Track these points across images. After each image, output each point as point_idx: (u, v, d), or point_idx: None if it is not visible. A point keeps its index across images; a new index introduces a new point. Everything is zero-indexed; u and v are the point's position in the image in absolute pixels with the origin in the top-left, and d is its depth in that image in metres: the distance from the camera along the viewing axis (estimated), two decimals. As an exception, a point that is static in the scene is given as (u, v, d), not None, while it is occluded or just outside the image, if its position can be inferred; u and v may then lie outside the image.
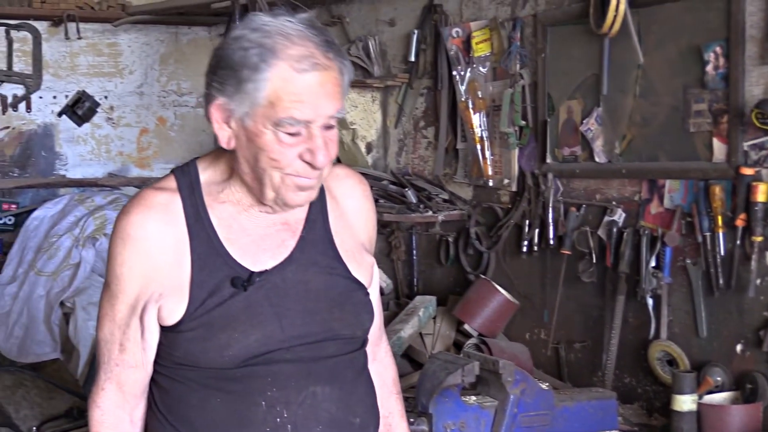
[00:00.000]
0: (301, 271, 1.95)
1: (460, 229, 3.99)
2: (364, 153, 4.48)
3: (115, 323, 1.94)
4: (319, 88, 1.80)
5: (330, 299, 1.97)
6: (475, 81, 3.83)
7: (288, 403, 1.92)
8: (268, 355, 1.90)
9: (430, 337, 3.71)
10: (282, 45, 1.79)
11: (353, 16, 4.67)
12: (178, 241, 1.91)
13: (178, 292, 1.90)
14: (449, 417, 2.81)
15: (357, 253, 2.04)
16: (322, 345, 1.95)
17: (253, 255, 1.93)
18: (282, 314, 1.92)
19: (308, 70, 1.79)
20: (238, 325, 1.88)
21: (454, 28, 3.91)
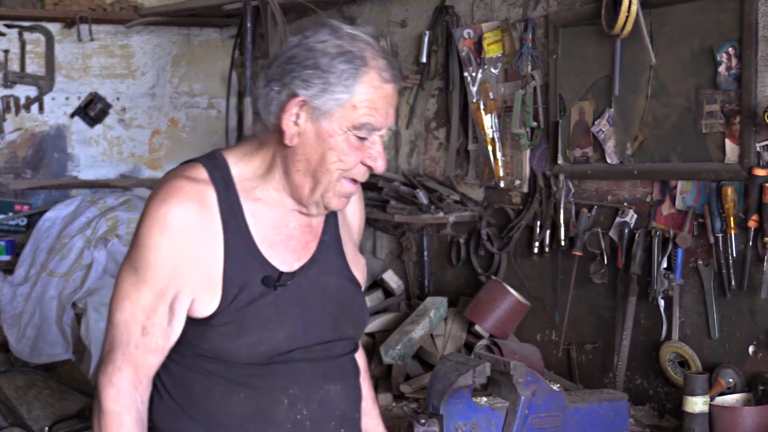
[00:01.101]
0: (322, 273, 2.05)
1: (472, 230, 3.99)
2: (375, 154, 4.47)
3: (138, 307, 1.96)
4: (392, 99, 1.95)
5: (341, 301, 2.07)
6: (486, 82, 3.83)
7: (308, 400, 2.02)
8: (291, 354, 1.99)
9: (441, 338, 3.70)
10: (370, 54, 1.91)
11: (365, 17, 4.67)
12: (212, 235, 1.95)
13: (211, 285, 1.95)
14: (460, 418, 2.81)
15: (355, 255, 2.16)
16: (332, 345, 2.05)
17: (281, 254, 2.01)
18: (305, 314, 2.01)
19: (389, 81, 1.93)
20: (269, 324, 1.96)
21: (465, 29, 3.91)
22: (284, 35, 4.43)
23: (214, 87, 6.06)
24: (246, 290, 1.95)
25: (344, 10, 4.76)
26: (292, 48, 1.95)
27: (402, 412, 3.35)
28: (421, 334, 3.62)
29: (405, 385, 3.47)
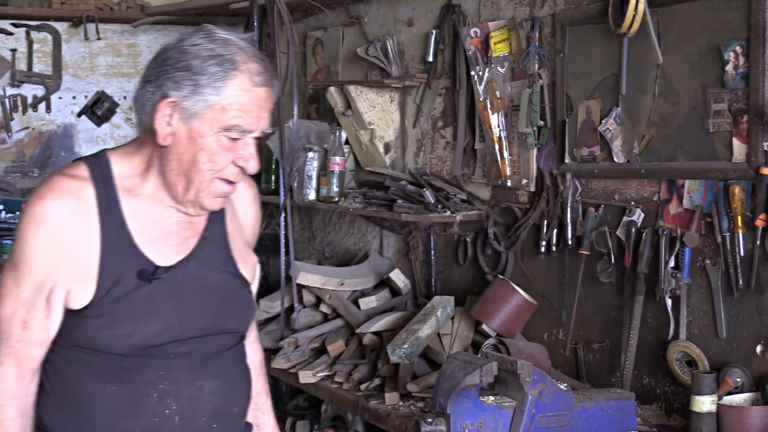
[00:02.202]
0: (200, 268, 2.11)
1: (478, 229, 3.98)
2: (382, 153, 4.48)
3: (19, 302, 2.02)
4: (264, 102, 2.01)
5: (221, 296, 2.13)
6: (493, 81, 3.82)
7: (178, 396, 2.07)
8: (164, 347, 2.04)
9: (448, 337, 3.70)
10: (242, 58, 1.98)
11: (371, 16, 4.67)
12: (88, 229, 2.03)
13: (86, 278, 2.01)
14: (467, 417, 2.81)
15: (245, 252, 2.24)
16: (211, 339, 2.11)
17: (159, 249, 2.07)
18: (180, 308, 2.06)
19: (261, 85, 1.99)
20: (143, 317, 2.02)
21: (472, 28, 3.90)
22: (291, 34, 4.43)
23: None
24: (121, 283, 2.01)
25: (350, 9, 4.76)
26: (167, 51, 2.04)
27: (409, 411, 3.35)
28: (428, 333, 3.62)
29: (412, 384, 3.47)
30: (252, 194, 2.32)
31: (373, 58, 4.53)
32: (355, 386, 3.65)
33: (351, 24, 4.79)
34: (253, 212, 2.33)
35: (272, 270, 5.06)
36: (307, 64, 5.17)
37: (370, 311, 4.05)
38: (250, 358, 2.33)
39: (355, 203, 4.32)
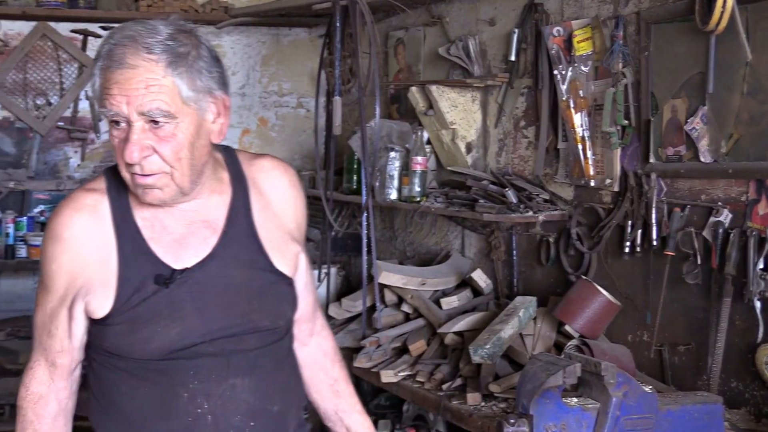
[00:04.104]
0: (223, 267, 2.08)
1: (561, 229, 3.96)
2: (463, 153, 4.47)
3: (45, 312, 2.11)
4: (127, 83, 1.90)
5: (250, 293, 2.10)
6: (576, 80, 3.79)
7: (209, 395, 2.06)
8: (192, 349, 2.03)
9: (530, 338, 3.68)
10: (109, 45, 1.94)
11: (453, 15, 4.66)
12: (104, 241, 2.05)
13: (105, 288, 2.04)
14: (550, 418, 2.79)
15: (283, 244, 2.18)
16: (242, 338, 2.08)
17: (176, 253, 2.07)
18: (203, 309, 2.05)
19: (117, 67, 1.91)
20: (160, 320, 2.02)
21: (555, 26, 3.88)
22: (373, 34, 4.45)
23: (303, 86, 6.11)
24: (140, 290, 2.03)
25: (432, 9, 4.76)
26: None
27: (491, 412, 3.34)
28: (510, 333, 3.61)
29: (494, 385, 3.46)
30: (287, 180, 2.25)
31: (455, 57, 4.53)
32: (437, 386, 3.66)
33: (432, 24, 4.79)
34: (291, 198, 2.26)
35: (354, 269, 5.08)
36: (389, 64, 5.19)
37: (451, 311, 4.05)
38: (321, 346, 2.34)
39: (436, 203, 4.32)
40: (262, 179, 2.20)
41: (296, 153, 6.04)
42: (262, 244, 2.14)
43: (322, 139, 5.20)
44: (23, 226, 5.51)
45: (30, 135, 5.77)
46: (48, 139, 5.79)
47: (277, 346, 2.17)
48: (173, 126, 1.95)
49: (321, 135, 5.11)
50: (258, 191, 2.17)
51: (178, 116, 1.95)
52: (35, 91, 5.73)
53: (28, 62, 5.70)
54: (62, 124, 5.80)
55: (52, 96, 5.76)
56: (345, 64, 4.97)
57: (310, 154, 5.78)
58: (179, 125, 1.95)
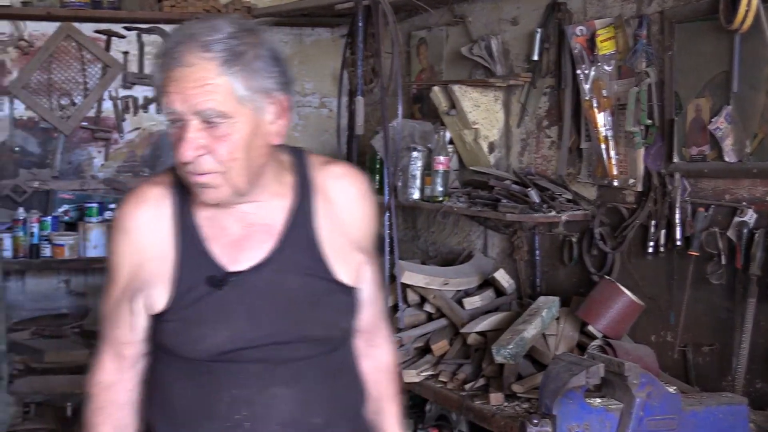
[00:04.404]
0: (278, 272, 2.03)
1: (584, 229, 3.95)
2: (486, 152, 4.47)
3: (110, 304, 2.13)
4: (183, 82, 1.89)
5: (304, 301, 2.04)
6: (599, 79, 3.78)
7: (249, 402, 2.03)
8: (238, 353, 2.01)
9: (553, 338, 3.68)
10: (170, 42, 1.94)
11: (475, 15, 4.66)
12: (165, 236, 2.05)
13: (162, 284, 2.03)
14: (573, 419, 2.79)
15: (346, 252, 2.11)
16: (291, 346, 2.03)
17: (232, 255, 2.04)
18: (253, 314, 2.01)
19: (175, 65, 1.90)
20: (211, 322, 2.00)
21: (578, 26, 3.87)
22: (395, 34, 4.45)
23: (326, 86, 6.12)
24: (193, 290, 2.01)
25: (455, 9, 4.76)
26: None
27: (514, 412, 3.34)
28: (533, 333, 3.60)
29: (517, 385, 3.45)
30: (357, 189, 2.18)
31: (478, 57, 4.52)
32: (460, 386, 3.66)
33: (455, 23, 4.79)
34: (360, 207, 2.18)
35: (376, 269, 5.08)
36: (411, 63, 5.19)
37: (474, 311, 4.05)
38: (377, 358, 2.27)
39: (459, 203, 4.32)
40: (331, 186, 2.14)
41: (319, 153, 6.03)
42: (322, 251, 2.08)
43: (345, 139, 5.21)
44: (48, 226, 5.55)
45: (54, 135, 5.81)
46: (72, 139, 5.83)
47: (329, 357, 2.11)
48: (228, 126, 1.92)
49: (343, 135, 5.12)
50: (325, 197, 2.12)
51: (233, 116, 1.92)
52: (59, 91, 5.77)
53: (53, 63, 5.73)
54: (86, 124, 5.84)
55: (76, 96, 5.80)
56: (367, 64, 4.97)
57: (333, 154, 5.78)
58: (235, 125, 1.92)
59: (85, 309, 5.83)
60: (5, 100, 5.70)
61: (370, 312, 2.22)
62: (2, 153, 5.73)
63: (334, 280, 2.08)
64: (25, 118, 5.75)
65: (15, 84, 5.69)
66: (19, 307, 5.67)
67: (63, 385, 5.04)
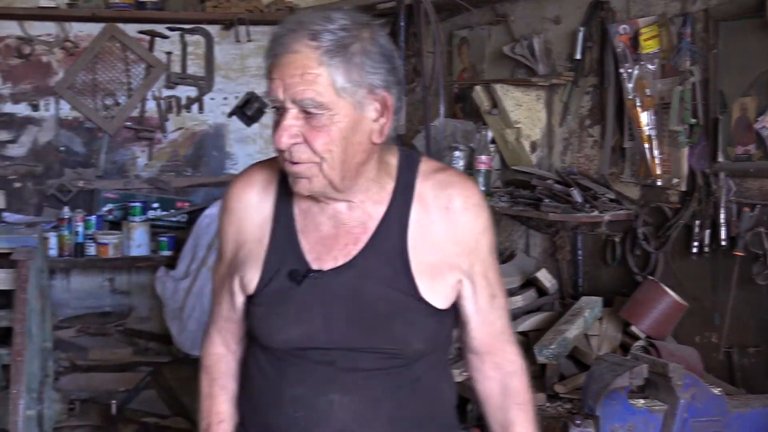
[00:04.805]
0: (358, 279, 1.98)
1: (627, 229, 3.92)
2: (528, 152, 4.46)
3: (217, 280, 2.17)
4: (285, 69, 1.86)
5: (379, 312, 1.98)
6: (643, 78, 3.76)
7: (307, 404, 2.00)
8: (309, 351, 1.99)
9: (595, 338, 3.66)
10: (280, 29, 1.90)
11: (518, 14, 4.65)
12: (264, 220, 2.06)
13: (255, 267, 2.04)
14: (617, 420, 2.78)
15: (438, 270, 2.02)
16: (359, 355, 1.98)
17: (319, 252, 2.02)
18: (328, 316, 1.98)
19: (280, 51, 1.88)
20: (288, 316, 2.00)
21: (621, 24, 3.84)
22: (437, 34, 4.45)
23: (367, 86, 6.13)
24: (278, 279, 2.01)
25: (497, 8, 4.75)
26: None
27: (556, 413, 3.32)
28: (576, 333, 3.59)
29: (559, 385, 3.44)
30: (462, 200, 2.03)
31: (519, 56, 4.51)
32: (501, 386, 3.65)
33: (497, 22, 4.78)
34: (465, 222, 2.04)
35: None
36: (453, 63, 5.19)
37: (516, 311, 4.03)
38: (503, 382, 2.16)
39: (501, 202, 4.31)
40: (434, 196, 2.03)
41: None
42: (409, 264, 1.99)
43: (386, 138, 5.21)
44: (92, 225, 5.61)
45: (99, 135, 5.87)
46: (116, 139, 5.89)
47: (400, 372, 2.02)
48: (327, 117, 1.88)
49: (385, 134, 5.12)
50: (425, 208, 2.02)
51: (331, 107, 1.88)
52: (104, 91, 5.83)
53: (97, 63, 5.80)
54: (130, 124, 5.90)
55: (120, 96, 5.86)
56: (409, 64, 4.98)
57: (374, 154, 5.79)
58: (333, 117, 1.88)
59: (129, 307, 5.89)
60: (51, 101, 5.78)
61: (483, 332, 2.12)
62: (48, 153, 5.80)
63: (417, 296, 2.00)
64: (70, 118, 5.82)
65: (61, 84, 5.76)
66: (65, 305, 5.75)
67: (107, 382, 5.10)
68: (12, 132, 5.77)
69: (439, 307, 2.01)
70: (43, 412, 4.08)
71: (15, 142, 5.78)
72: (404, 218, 2.01)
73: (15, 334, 3.84)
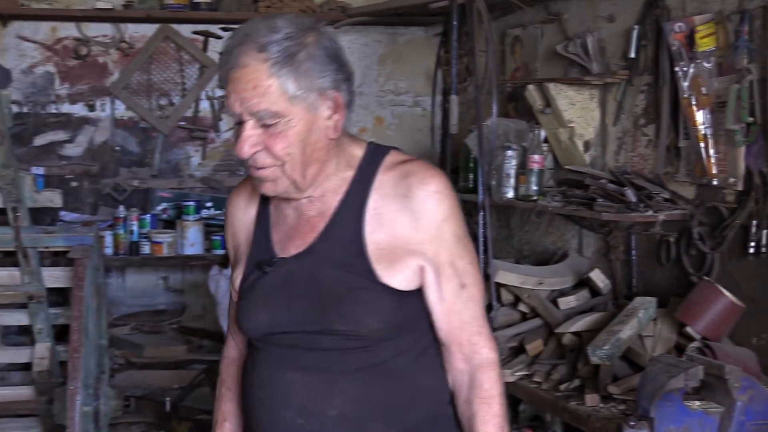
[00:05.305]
0: (315, 264, 2.09)
1: (682, 229, 3.88)
2: (581, 151, 4.43)
3: (230, 284, 2.28)
4: (238, 83, 1.96)
5: (331, 294, 2.06)
6: (698, 77, 3.72)
7: (271, 385, 2.12)
8: (276, 336, 2.12)
9: (650, 339, 3.62)
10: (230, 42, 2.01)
11: (571, 12, 4.62)
12: (250, 222, 2.23)
13: (243, 265, 2.20)
14: (672, 422, 2.75)
15: (398, 255, 2.07)
16: (319, 337, 2.07)
17: (285, 242, 2.15)
18: (289, 301, 2.09)
19: (232, 66, 1.97)
20: (258, 304, 2.13)
21: (676, 22, 3.80)
22: (489, 33, 4.44)
23: (420, 85, 6.13)
24: (254, 272, 2.15)
25: (550, 6, 4.73)
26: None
27: (610, 414, 3.30)
28: (630, 334, 3.56)
29: (613, 386, 3.42)
30: (424, 191, 2.07)
31: (573, 55, 4.48)
32: (554, 386, 3.63)
33: (550, 21, 4.76)
34: (426, 210, 2.07)
35: (470, 268, 5.08)
36: (506, 62, 5.17)
37: (569, 311, 4.01)
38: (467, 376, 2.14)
39: (554, 202, 4.29)
40: (394, 185, 2.08)
41: (412, 152, 6.03)
42: (365, 248, 2.06)
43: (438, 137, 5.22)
44: (147, 224, 5.67)
45: (153, 134, 5.94)
46: (170, 139, 5.95)
47: (359, 353, 2.08)
48: (283, 124, 1.98)
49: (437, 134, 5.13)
50: (384, 197, 2.08)
51: (286, 114, 1.97)
52: (158, 91, 5.90)
53: (152, 63, 5.87)
54: (184, 124, 5.95)
55: (175, 96, 5.92)
56: (461, 63, 4.98)
57: (427, 153, 5.79)
58: (289, 122, 1.98)
59: (183, 305, 5.95)
60: (107, 101, 5.86)
61: (448, 321, 2.13)
62: (104, 152, 5.88)
63: (372, 278, 2.06)
64: (125, 118, 5.90)
65: (116, 85, 5.84)
66: (120, 303, 5.82)
67: (161, 379, 5.15)
68: (69, 132, 5.86)
69: (398, 288, 2.07)
70: (99, 408, 4.14)
71: (72, 141, 5.87)
72: (361, 206, 2.09)
73: (72, 331, 3.91)
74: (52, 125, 5.84)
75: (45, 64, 5.81)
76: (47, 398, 4.20)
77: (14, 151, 4.13)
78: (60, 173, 5.80)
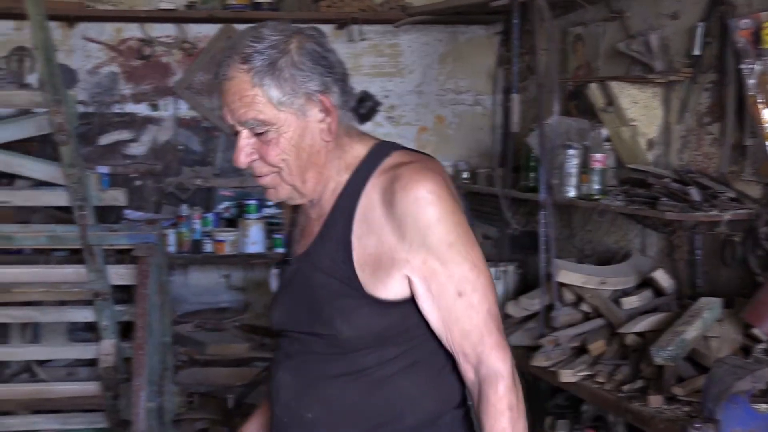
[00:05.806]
0: (310, 266, 2.12)
1: (748, 228, 3.83)
2: (644, 150, 4.39)
3: None
4: (227, 95, 2.02)
5: (318, 298, 2.09)
6: (765, 74, 3.66)
7: (271, 380, 2.23)
8: (283, 333, 2.21)
9: (715, 340, 3.58)
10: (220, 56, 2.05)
11: (633, 10, 4.58)
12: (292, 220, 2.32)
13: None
14: (738, 424, 2.72)
15: (382, 263, 2.02)
16: (306, 339, 2.12)
17: (297, 243, 2.22)
18: (290, 300, 2.17)
19: (222, 79, 2.03)
20: (275, 300, 2.23)
21: (742, 19, 3.75)
22: (551, 31, 4.42)
23: (480, 84, 6.13)
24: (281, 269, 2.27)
25: (611, 4, 4.69)
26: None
27: (674, 415, 3.27)
28: (694, 335, 3.52)
29: (677, 387, 3.38)
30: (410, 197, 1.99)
31: (635, 53, 4.45)
32: (617, 387, 3.61)
33: (612, 19, 4.72)
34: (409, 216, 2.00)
35: (531, 267, 5.06)
36: (568, 60, 5.14)
37: (632, 311, 3.98)
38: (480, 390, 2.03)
39: (616, 201, 4.25)
40: (382, 190, 2.03)
41: (473, 151, 6.06)
42: (352, 254, 2.03)
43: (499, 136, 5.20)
44: (209, 222, 5.74)
45: (216, 134, 6.00)
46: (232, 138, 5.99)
47: (337, 359, 2.08)
48: (273, 131, 2.01)
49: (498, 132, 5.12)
50: (371, 202, 2.04)
51: (275, 122, 2.00)
52: (221, 91, 5.94)
53: (215, 63, 5.90)
54: (246, 123, 5.98)
55: (237, 96, 5.95)
56: (522, 61, 4.96)
57: (487, 152, 5.78)
58: (279, 129, 2.01)
59: (245, 303, 6.00)
60: (170, 101, 5.93)
61: (447, 332, 2.05)
62: (167, 151, 5.95)
63: (355, 285, 2.03)
64: (188, 117, 5.97)
65: (179, 85, 5.90)
66: (183, 301, 5.89)
67: (224, 377, 5.19)
68: (133, 131, 5.94)
69: (382, 297, 2.03)
70: (163, 405, 4.20)
71: (136, 141, 5.95)
72: (351, 210, 2.06)
73: (136, 329, 3.96)
74: (117, 125, 5.93)
75: (110, 64, 5.90)
76: (113, 394, 4.26)
77: (80, 150, 4.20)
78: (124, 172, 5.89)
